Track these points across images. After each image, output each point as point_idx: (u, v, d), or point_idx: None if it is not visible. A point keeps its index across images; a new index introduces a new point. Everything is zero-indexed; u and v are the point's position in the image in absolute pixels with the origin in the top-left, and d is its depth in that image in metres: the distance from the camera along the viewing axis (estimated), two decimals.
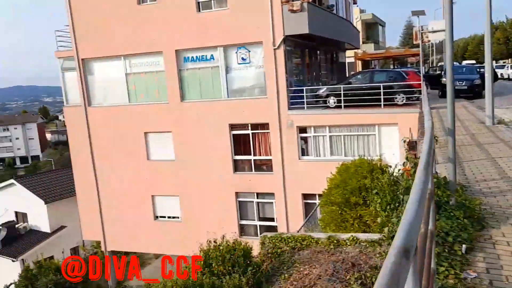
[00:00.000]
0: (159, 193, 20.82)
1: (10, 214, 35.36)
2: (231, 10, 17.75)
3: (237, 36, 17.79)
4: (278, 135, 17.97)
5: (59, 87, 22.46)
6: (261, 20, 17.40)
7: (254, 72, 18.15)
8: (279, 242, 12.75)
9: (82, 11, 20.28)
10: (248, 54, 17.96)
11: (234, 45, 18.02)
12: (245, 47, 17.93)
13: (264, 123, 18.31)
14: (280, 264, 10.38)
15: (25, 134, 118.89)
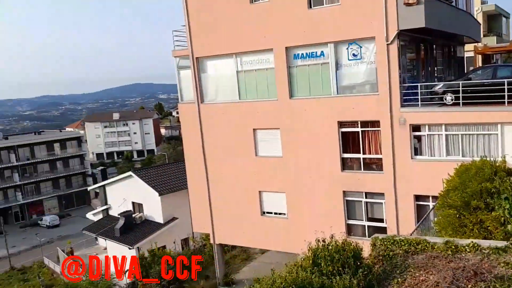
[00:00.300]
0: (266, 189, 21.30)
1: (128, 204, 38.33)
2: (343, 6, 17.60)
3: (349, 32, 17.59)
4: (389, 133, 17.46)
5: (174, 84, 23.88)
6: (374, 15, 17.02)
7: (365, 68, 17.81)
8: (391, 244, 12.36)
9: (197, 12, 21.42)
10: (359, 50, 17.67)
11: (345, 41, 17.85)
12: (357, 43, 17.66)
13: (374, 121, 17.91)
14: (392, 267, 10.13)
15: (142, 129, 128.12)
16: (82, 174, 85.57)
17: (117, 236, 35.64)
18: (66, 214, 78.80)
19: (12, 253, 57.45)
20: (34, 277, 45.76)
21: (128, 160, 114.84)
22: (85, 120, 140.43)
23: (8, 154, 77.09)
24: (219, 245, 23.69)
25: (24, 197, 77.21)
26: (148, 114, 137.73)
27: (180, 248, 34.21)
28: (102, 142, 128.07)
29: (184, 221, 34.66)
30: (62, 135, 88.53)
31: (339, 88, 18.45)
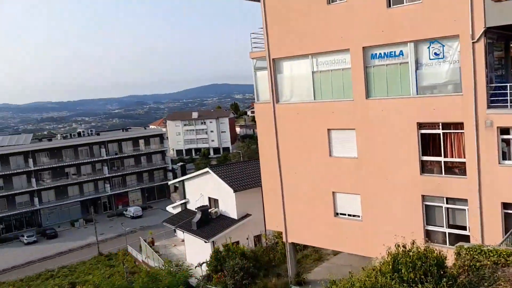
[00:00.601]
0: (340, 190, 20.62)
1: (205, 199, 39.06)
2: (425, 3, 16.52)
3: (430, 30, 16.49)
4: (474, 136, 16.14)
5: (249, 85, 23.85)
6: (459, 12, 15.80)
7: (447, 68, 16.59)
8: (478, 254, 11.35)
9: (275, 14, 21.21)
10: (441, 49, 16.49)
11: (426, 39, 16.73)
12: (439, 41, 16.49)
13: (457, 123, 16.64)
14: (479, 279, 9.24)
15: (219, 128, 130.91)
16: (163, 169, 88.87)
17: (194, 229, 36.43)
18: (148, 206, 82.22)
19: (100, 240, 60.94)
20: (119, 264, 48.08)
21: (205, 157, 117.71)
22: (167, 118, 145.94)
23: (99, 148, 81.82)
24: (291, 244, 23.30)
25: (112, 189, 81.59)
26: (225, 113, 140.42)
27: (253, 244, 34.25)
28: (181, 140, 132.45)
29: (257, 218, 34.77)
30: (146, 132, 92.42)
31: (419, 88, 17.35)
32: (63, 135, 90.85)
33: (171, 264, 29.96)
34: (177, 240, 46.10)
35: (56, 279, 48.51)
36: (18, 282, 49.13)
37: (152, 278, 25.90)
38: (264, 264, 27.50)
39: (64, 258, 58.28)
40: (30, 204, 73.78)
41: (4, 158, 72.71)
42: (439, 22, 16.22)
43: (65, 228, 72.85)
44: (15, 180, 73.10)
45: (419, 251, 11.98)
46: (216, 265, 27.38)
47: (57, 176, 77.08)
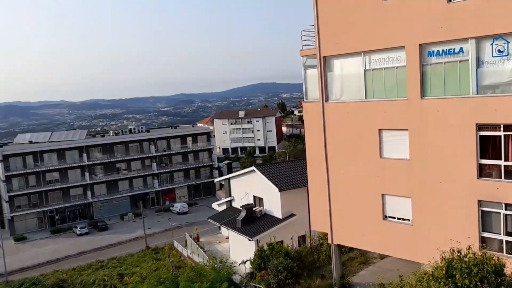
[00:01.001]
0: (390, 193, 19.82)
1: (249, 197, 38.96)
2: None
3: (494, 26, 15.43)
4: None
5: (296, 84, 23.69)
6: None
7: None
8: None
9: (327, 11, 20.67)
10: (506, 46, 15.39)
11: (489, 36, 15.68)
12: (503, 38, 15.39)
13: None
14: None
15: (265, 127, 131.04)
16: (209, 166, 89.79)
17: (238, 227, 36.39)
18: (194, 202, 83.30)
19: (148, 234, 62.24)
20: (165, 258, 48.87)
21: (251, 156, 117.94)
22: (214, 117, 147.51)
23: (149, 145, 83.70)
24: (336, 246, 22.68)
25: (160, 185, 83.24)
26: (271, 112, 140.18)
27: (297, 244, 33.79)
28: (228, 138, 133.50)
29: (301, 218, 34.27)
30: (194, 130, 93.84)
31: (479, 88, 16.30)
32: (115, 131, 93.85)
33: (215, 261, 30.00)
34: (221, 237, 46.28)
35: (106, 270, 49.89)
36: (70, 271, 50.96)
37: (197, 273, 25.98)
38: (308, 265, 27.06)
39: (114, 250, 59.97)
40: (83, 197, 76.49)
41: (60, 153, 75.75)
42: (505, 17, 15.13)
43: (115, 221, 74.96)
44: (70, 174, 76.01)
45: (476, 257, 11.34)
46: (260, 263, 27.18)
47: (108, 171, 79.48)
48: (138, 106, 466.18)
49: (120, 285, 41.24)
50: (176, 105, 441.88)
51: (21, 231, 70.81)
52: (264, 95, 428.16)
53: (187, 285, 23.66)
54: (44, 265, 56.18)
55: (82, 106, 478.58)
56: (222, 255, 36.86)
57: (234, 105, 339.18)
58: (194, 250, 43.36)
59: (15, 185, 71.67)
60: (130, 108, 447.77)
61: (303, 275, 25.30)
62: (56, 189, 74.39)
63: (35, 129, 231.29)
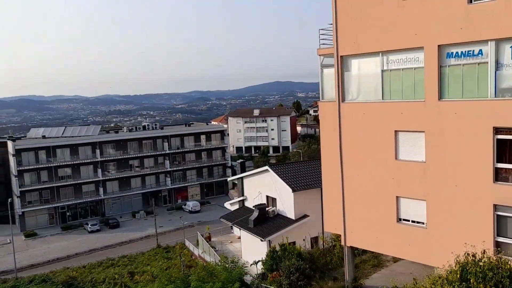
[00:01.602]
0: (405, 195, 19.94)
1: (262, 197, 39.20)
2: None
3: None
4: None
5: (312, 83, 24.00)
6: None
7: None
8: None
9: (346, 10, 20.84)
10: None
11: (509, 38, 15.74)
12: None
13: None
14: None
15: (279, 126, 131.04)
16: (222, 165, 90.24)
17: (250, 227, 36.67)
18: (206, 201, 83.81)
19: (159, 233, 62.80)
20: (176, 257, 49.37)
21: (264, 155, 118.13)
22: (229, 115, 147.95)
23: (162, 142, 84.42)
24: (349, 248, 22.85)
25: (172, 183, 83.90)
26: (286, 111, 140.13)
27: (310, 246, 33.98)
28: (242, 137, 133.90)
29: (314, 220, 34.46)
30: (208, 128, 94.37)
31: (497, 91, 16.37)
32: (129, 128, 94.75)
33: (226, 260, 30.28)
34: (233, 237, 46.62)
35: (116, 268, 50.32)
36: (81, 269, 51.35)
37: (208, 272, 26.23)
38: (321, 267, 27.23)
39: (125, 248, 60.60)
40: (95, 194, 77.32)
41: (73, 148, 76.73)
42: None
43: (127, 219, 75.70)
44: (82, 170, 76.84)
45: (491, 262, 11.46)
46: (272, 264, 27.42)
47: (121, 167, 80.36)
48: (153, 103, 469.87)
49: (131, 283, 41.67)
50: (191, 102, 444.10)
51: (32, 227, 71.77)
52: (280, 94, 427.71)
53: (199, 285, 23.93)
54: (54, 262, 56.89)
55: (96, 102, 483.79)
56: (233, 255, 37.14)
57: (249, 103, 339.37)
58: (205, 249, 43.76)
59: (26, 180, 72.63)
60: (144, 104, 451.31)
61: (315, 277, 25.48)
62: (68, 185, 75.28)
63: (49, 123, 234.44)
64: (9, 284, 44.37)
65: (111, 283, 44.05)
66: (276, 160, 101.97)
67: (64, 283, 43.34)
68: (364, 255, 28.17)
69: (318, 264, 27.15)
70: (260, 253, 32.06)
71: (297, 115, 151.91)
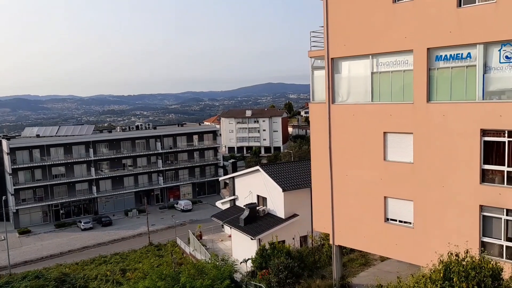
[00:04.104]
0: (393, 195, 19.83)
1: (253, 196, 39.05)
2: (499, 3, 15.43)
3: (503, 32, 15.40)
4: None
5: (304, 85, 23.77)
6: None
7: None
8: None
9: (337, 13, 20.67)
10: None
11: (497, 42, 15.66)
12: (511, 44, 15.37)
13: None
14: None
15: (271, 127, 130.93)
16: (214, 165, 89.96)
17: (241, 225, 36.51)
18: (198, 200, 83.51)
19: (151, 231, 62.51)
20: (167, 254, 49.03)
21: (256, 155, 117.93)
22: (221, 115, 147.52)
23: (155, 142, 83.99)
24: (338, 247, 22.71)
25: (164, 182, 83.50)
26: (278, 112, 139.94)
27: (299, 244, 33.86)
28: (234, 137, 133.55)
29: (304, 219, 34.37)
30: (200, 128, 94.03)
31: (485, 93, 16.28)
32: (122, 127, 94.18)
33: (217, 258, 30.08)
34: (224, 235, 46.42)
35: (109, 265, 50.05)
36: (73, 265, 51.11)
37: (199, 270, 26.03)
38: (309, 265, 27.10)
39: (117, 246, 60.20)
40: (88, 192, 76.90)
41: (67, 147, 76.18)
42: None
43: (119, 217, 75.28)
44: (76, 169, 76.42)
45: (474, 261, 11.41)
46: (261, 262, 27.23)
47: (114, 166, 79.86)
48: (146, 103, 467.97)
49: (122, 280, 41.36)
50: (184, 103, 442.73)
51: (26, 225, 71.31)
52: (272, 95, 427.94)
53: (189, 281, 23.74)
54: (48, 259, 56.52)
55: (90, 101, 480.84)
56: (224, 253, 36.93)
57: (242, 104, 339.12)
58: (196, 247, 43.51)
59: (21, 179, 72.11)
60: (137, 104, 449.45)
61: (303, 275, 25.34)
62: (62, 183, 74.84)
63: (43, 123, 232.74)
64: (2, 280, 43.77)
65: (103, 280, 43.71)
66: (267, 160, 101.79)
67: (56, 279, 42.82)
68: (352, 254, 28.08)
69: (307, 263, 27.01)
70: (250, 252, 31.86)
71: (288, 116, 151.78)
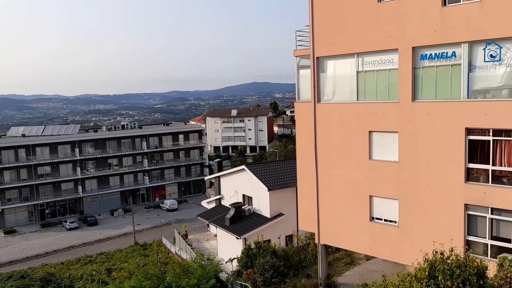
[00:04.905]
0: (378, 195, 19.61)
1: (239, 196, 38.64)
2: (484, 2, 15.27)
3: (488, 31, 15.25)
4: None
5: (289, 84, 23.35)
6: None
7: (503, 71, 15.29)
8: None
9: (322, 12, 20.40)
10: (498, 51, 15.22)
11: (482, 41, 15.50)
12: (496, 43, 15.23)
13: (510, 130, 15.34)
14: None
15: (257, 126, 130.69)
16: (200, 164, 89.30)
17: (227, 225, 36.08)
18: (184, 200, 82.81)
19: (137, 230, 61.74)
20: (153, 254, 48.36)
21: (241, 155, 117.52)
22: (207, 115, 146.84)
23: (141, 141, 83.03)
24: (323, 246, 22.45)
25: (150, 181, 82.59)
26: (263, 112, 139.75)
27: (284, 243, 33.53)
28: (219, 136, 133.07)
29: (289, 218, 34.06)
30: (186, 128, 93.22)
31: (470, 92, 16.12)
32: (108, 127, 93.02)
33: (202, 258, 29.65)
34: (209, 234, 45.93)
35: (94, 265, 49.36)
36: (59, 265, 50.36)
37: (184, 270, 25.62)
38: (295, 264, 26.82)
39: (103, 245, 59.36)
40: (74, 192, 75.76)
41: (53, 147, 74.95)
42: (499, 22, 14.96)
43: (105, 217, 74.29)
44: (61, 168, 75.26)
45: (459, 259, 11.26)
46: (247, 261, 26.88)
47: (100, 166, 78.74)
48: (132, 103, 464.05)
49: (108, 280, 40.67)
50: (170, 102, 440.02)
51: (11, 224, 70.00)
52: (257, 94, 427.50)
53: (175, 281, 23.31)
54: (33, 259, 55.51)
55: (76, 101, 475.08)
56: (209, 253, 36.47)
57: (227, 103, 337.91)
58: (182, 247, 42.94)
59: (6, 178, 70.83)
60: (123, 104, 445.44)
61: (289, 274, 25.05)
62: (47, 183, 73.62)
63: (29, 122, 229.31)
64: None
65: (88, 280, 43.01)
66: (253, 160, 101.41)
67: (42, 279, 42.00)
68: (337, 253, 27.85)
69: (292, 262, 26.73)
70: (235, 251, 31.44)
71: (274, 116, 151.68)
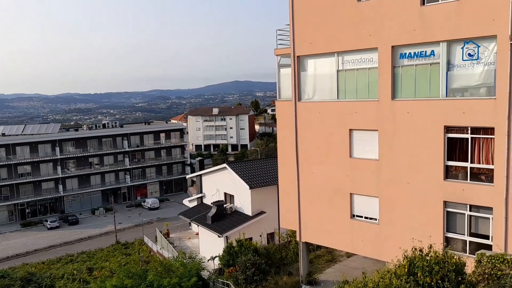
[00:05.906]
0: (358, 192, 19.53)
1: (220, 194, 38.28)
2: (462, 1, 15.23)
3: (466, 30, 15.23)
4: (504, 142, 14.86)
5: (270, 83, 23.14)
6: (498, 11, 14.49)
7: (481, 70, 15.30)
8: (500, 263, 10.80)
9: (302, 11, 20.19)
10: (476, 50, 15.21)
11: (460, 39, 15.47)
12: (474, 42, 15.21)
13: (487, 128, 15.36)
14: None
15: (238, 125, 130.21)
16: (181, 163, 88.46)
17: (208, 223, 35.74)
18: (165, 198, 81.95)
19: (118, 229, 60.84)
20: (135, 253, 47.69)
21: (223, 153, 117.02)
22: (188, 113, 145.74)
23: (122, 140, 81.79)
24: (304, 243, 22.30)
25: (131, 180, 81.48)
26: (245, 110, 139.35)
27: (266, 241, 33.33)
28: (201, 135, 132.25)
29: (271, 216, 33.85)
30: (167, 126, 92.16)
31: (448, 91, 16.09)
32: (89, 126, 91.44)
33: (184, 256, 29.25)
34: (191, 233, 45.48)
35: (75, 264, 48.47)
36: (40, 265, 49.33)
37: (166, 268, 25.21)
38: (276, 262, 26.64)
39: (84, 244, 58.31)
40: (54, 191, 74.23)
41: (33, 146, 73.27)
42: (476, 21, 14.95)
43: (86, 216, 73.04)
44: (42, 167, 73.68)
45: (437, 256, 11.25)
46: (229, 259, 26.60)
47: (81, 165, 77.34)
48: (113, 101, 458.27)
49: (89, 279, 39.93)
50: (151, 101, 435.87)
51: None
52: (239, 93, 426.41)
53: (156, 279, 22.88)
54: (13, 258, 54.20)
55: (56, 100, 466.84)
56: (191, 251, 36.10)
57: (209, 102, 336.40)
58: (164, 245, 42.40)
59: None
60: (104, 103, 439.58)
61: (270, 272, 24.86)
62: (28, 182, 71.96)
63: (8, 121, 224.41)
64: None
65: (69, 279, 42.22)
66: (234, 158, 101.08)
67: (22, 279, 40.85)
68: (318, 251, 27.76)
69: (274, 260, 26.54)
70: (217, 249, 31.10)
71: (255, 114, 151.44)
